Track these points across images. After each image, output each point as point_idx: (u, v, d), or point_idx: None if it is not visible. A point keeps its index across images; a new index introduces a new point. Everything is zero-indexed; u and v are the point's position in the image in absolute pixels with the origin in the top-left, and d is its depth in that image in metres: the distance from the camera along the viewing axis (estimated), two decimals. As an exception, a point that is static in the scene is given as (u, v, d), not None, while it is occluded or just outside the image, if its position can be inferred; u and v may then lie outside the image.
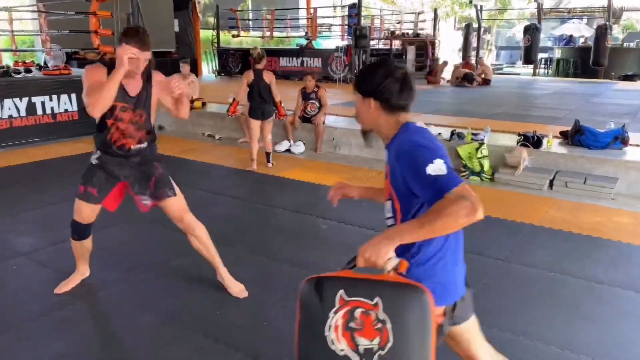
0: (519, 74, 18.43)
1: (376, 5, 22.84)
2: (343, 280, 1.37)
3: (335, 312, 1.34)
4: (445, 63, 14.46)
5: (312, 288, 1.38)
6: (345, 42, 14.35)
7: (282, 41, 19.67)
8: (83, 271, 3.09)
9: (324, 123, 6.83)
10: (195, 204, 4.67)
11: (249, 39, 18.14)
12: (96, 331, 2.64)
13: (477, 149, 5.59)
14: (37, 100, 7.12)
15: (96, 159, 2.77)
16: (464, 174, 5.60)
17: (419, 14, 18.78)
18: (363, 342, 1.32)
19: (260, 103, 5.75)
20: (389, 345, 1.31)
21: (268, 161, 6.04)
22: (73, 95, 7.52)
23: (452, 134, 6.13)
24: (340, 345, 1.34)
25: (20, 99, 6.94)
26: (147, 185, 2.79)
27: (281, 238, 3.98)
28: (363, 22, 13.64)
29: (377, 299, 1.32)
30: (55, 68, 8.34)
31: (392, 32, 16.37)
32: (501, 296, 3.04)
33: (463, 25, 18.75)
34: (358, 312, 1.33)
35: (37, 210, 4.41)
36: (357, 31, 11.79)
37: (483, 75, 13.32)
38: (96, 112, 2.53)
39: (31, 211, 4.35)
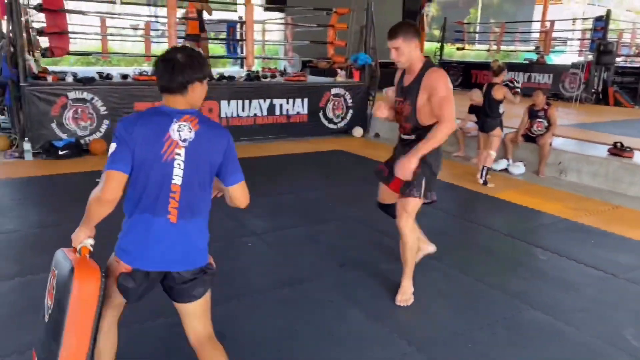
0: None
1: (627, 18, 20.04)
2: (60, 253, 1.77)
3: (50, 276, 1.78)
4: None
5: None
6: (582, 58, 12.97)
7: (508, 55, 18.68)
8: (426, 248, 3.40)
9: (550, 145, 6.26)
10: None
11: (472, 52, 17.69)
12: (310, 315, 2.85)
13: None
14: (276, 102, 8.09)
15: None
16: None
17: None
18: (48, 303, 1.75)
19: (484, 115, 5.64)
20: (52, 308, 1.71)
21: (481, 176, 5.78)
22: (305, 100, 8.32)
23: None
24: (47, 300, 1.76)
25: (264, 100, 7.99)
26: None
27: (491, 261, 3.78)
28: (609, 36, 12.12)
29: (57, 271, 1.72)
30: (294, 75, 9.40)
31: (645, 48, 14.15)
32: None
33: None
34: (51, 278, 1.76)
35: (269, 197, 5.02)
36: (602, 46, 10.56)
37: None
38: None
39: (265, 197, 4.96)
